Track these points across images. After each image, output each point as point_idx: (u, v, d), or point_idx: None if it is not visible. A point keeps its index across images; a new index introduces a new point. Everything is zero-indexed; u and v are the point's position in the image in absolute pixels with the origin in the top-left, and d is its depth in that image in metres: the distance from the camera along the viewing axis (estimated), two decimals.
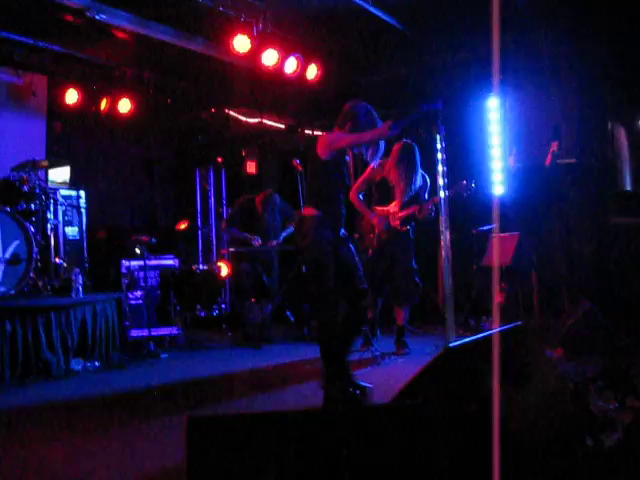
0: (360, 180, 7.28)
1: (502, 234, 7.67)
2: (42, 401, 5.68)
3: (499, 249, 7.50)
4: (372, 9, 7.83)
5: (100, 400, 5.69)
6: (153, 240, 8.68)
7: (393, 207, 7.23)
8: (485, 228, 8.43)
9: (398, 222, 7.18)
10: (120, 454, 4.05)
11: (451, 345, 2.96)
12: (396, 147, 7.26)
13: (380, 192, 7.41)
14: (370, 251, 7.38)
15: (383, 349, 7.13)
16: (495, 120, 8.63)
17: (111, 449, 4.17)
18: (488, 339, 3.14)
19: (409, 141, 7.30)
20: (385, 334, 7.97)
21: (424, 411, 2.62)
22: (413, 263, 7.30)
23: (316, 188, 5.18)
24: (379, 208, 7.30)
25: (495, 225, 7.05)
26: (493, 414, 2.26)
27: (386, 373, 6.11)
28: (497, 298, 7.05)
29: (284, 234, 8.94)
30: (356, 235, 7.83)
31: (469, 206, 7.79)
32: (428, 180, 7.37)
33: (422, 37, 8.68)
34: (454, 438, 2.65)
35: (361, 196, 7.23)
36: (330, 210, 5.13)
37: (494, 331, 3.33)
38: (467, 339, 3.07)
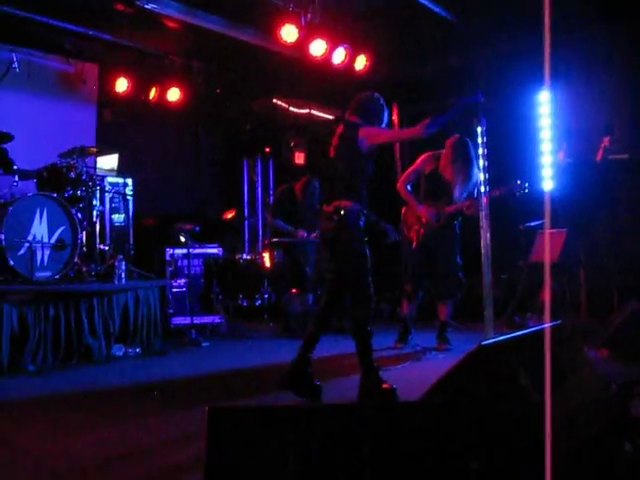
0: (409, 171, 7.20)
1: (551, 230, 7.51)
2: (82, 386, 5.73)
3: (548, 245, 7.34)
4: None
5: (137, 387, 5.72)
6: (197, 228, 8.71)
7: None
8: (533, 224, 8.25)
9: (446, 216, 7.08)
10: (149, 442, 4.05)
11: (484, 343, 2.88)
12: (450, 142, 7.08)
13: (431, 184, 7.19)
14: (414, 243, 7.25)
15: (425, 344, 7.05)
16: (545, 114, 8.45)
17: (139, 436, 4.18)
18: (522, 338, 3.06)
19: (462, 136, 7.13)
20: (428, 329, 7.84)
21: (453, 409, 2.56)
22: (458, 259, 7.19)
23: (349, 179, 5.08)
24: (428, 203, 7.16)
25: (545, 221, 6.93)
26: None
27: (425, 368, 6.03)
28: (546, 295, 6.92)
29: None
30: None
31: (516, 202, 7.63)
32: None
33: (471, 28, 8.53)
34: (482, 438, 2.57)
35: (409, 187, 7.14)
36: (362, 202, 5.06)
37: (528, 330, 3.25)
38: (500, 337, 2.99)
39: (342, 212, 4.98)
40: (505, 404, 2.69)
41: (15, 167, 7.63)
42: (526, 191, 6.86)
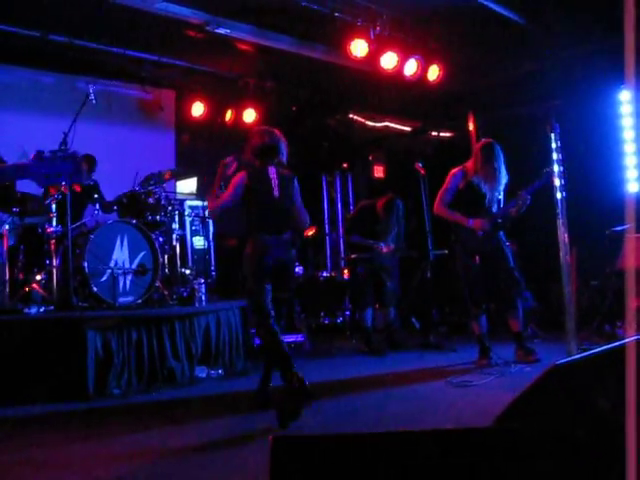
0: (442, 191, 7.06)
1: (637, 234, 7.22)
2: (165, 408, 5.80)
3: (634, 250, 7.07)
4: (492, 4, 7.60)
5: (219, 408, 5.74)
6: None
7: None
8: (619, 229, 7.96)
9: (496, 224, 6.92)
10: (219, 465, 4.05)
11: (558, 363, 2.75)
12: (478, 147, 7.02)
13: (468, 197, 7.01)
14: (477, 258, 7.02)
15: (508, 357, 6.87)
16: (627, 113, 8.16)
17: (212, 460, 4.19)
18: (601, 357, 2.91)
19: (490, 139, 7.01)
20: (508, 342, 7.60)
21: (524, 436, 2.44)
22: (512, 264, 7.01)
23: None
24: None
25: (630, 225, 6.67)
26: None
27: (508, 383, 5.85)
28: (632, 303, 6.64)
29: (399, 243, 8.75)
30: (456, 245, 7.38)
31: (601, 205, 7.39)
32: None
33: (543, 30, 8.30)
34: (557, 467, 2.44)
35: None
36: None
37: (609, 346, 3.08)
38: (577, 355, 2.85)
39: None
40: (582, 429, 2.55)
41: (96, 196, 7.86)
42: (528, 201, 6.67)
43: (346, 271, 9.86)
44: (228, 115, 10.52)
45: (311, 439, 2.50)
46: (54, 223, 7.17)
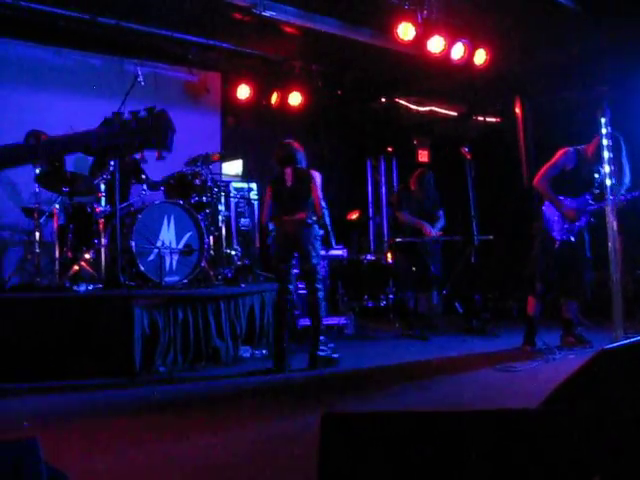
0: (548, 166, 6.90)
1: None
2: (210, 387, 5.88)
3: None
4: None
5: (262, 388, 5.80)
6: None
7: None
8: None
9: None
10: (263, 444, 4.10)
11: (606, 348, 2.73)
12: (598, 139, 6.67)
13: (573, 180, 6.86)
14: (557, 243, 6.86)
15: (554, 343, 6.83)
16: None
17: (253, 437, 4.24)
18: None
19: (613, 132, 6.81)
20: (555, 327, 7.53)
21: (573, 419, 2.43)
22: (589, 256, 6.93)
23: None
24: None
25: None
26: None
27: (554, 369, 5.82)
28: None
29: (437, 228, 8.71)
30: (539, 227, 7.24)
31: None
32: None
33: (592, 14, 8.14)
34: (606, 449, 2.43)
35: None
36: None
37: None
38: (626, 341, 2.83)
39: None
40: (629, 412, 2.54)
41: (143, 176, 7.95)
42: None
43: (389, 254, 9.84)
44: (274, 98, 10.54)
45: (360, 416, 2.52)
46: (103, 203, 7.28)
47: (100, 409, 5.15)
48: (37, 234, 7.29)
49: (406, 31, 8.04)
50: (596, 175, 6.80)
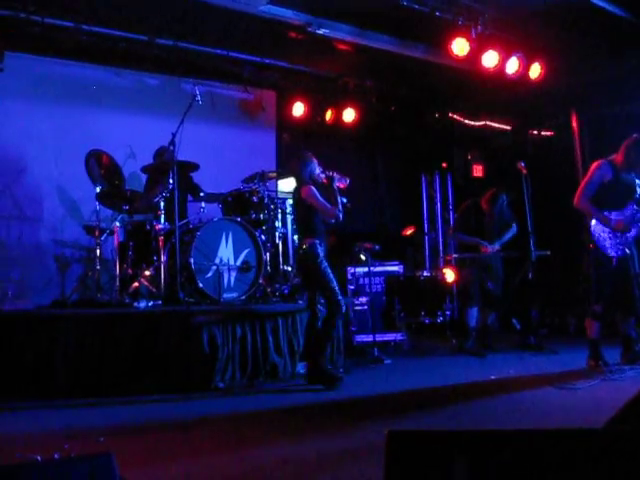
0: (584, 183, 6.75)
1: None
2: (267, 404, 5.90)
3: None
4: (596, 0, 7.40)
5: (318, 405, 5.80)
6: (376, 247, 8.82)
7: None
8: None
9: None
10: (322, 461, 4.09)
11: None
12: (632, 141, 6.66)
13: (613, 192, 6.69)
14: (615, 260, 6.65)
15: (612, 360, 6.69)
16: None
17: (309, 454, 4.23)
18: None
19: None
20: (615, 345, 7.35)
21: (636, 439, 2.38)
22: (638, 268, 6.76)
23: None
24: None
25: None
26: None
27: (615, 388, 5.69)
28: None
29: (506, 237, 8.60)
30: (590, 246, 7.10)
31: None
32: None
33: None
34: None
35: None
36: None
37: None
38: None
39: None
40: None
41: (202, 194, 8.06)
42: None
43: (446, 271, 9.76)
44: (328, 115, 10.62)
45: (424, 434, 2.51)
46: (162, 220, 7.39)
47: (161, 424, 5.20)
48: (98, 251, 7.44)
49: (460, 47, 8.04)
50: (637, 181, 6.68)
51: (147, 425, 5.17)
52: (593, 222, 6.73)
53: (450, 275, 9.59)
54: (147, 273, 7.28)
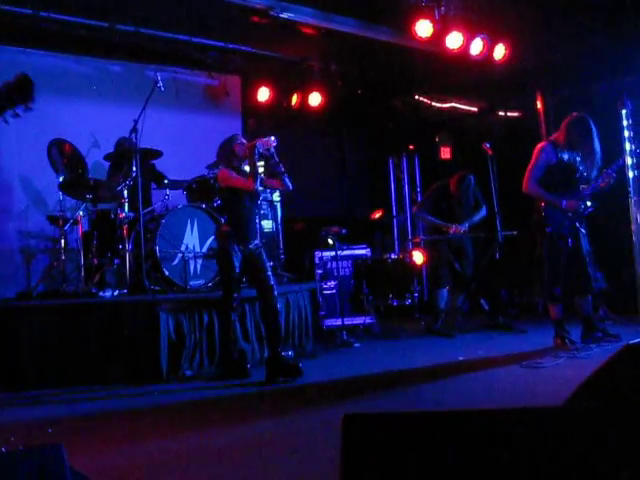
0: (530, 168, 6.76)
1: None
2: (233, 390, 5.89)
3: None
4: None
5: (280, 390, 5.81)
6: (343, 231, 8.83)
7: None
8: None
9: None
10: (284, 445, 4.11)
11: (631, 343, 2.71)
12: (570, 120, 6.68)
13: (561, 174, 6.72)
14: (569, 241, 6.72)
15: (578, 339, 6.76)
16: None
17: (274, 439, 4.25)
18: None
19: (581, 113, 6.70)
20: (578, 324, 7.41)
21: (599, 415, 2.41)
22: (589, 246, 6.82)
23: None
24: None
25: None
26: None
27: (580, 366, 5.76)
28: None
29: (475, 219, 8.65)
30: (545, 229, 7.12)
31: None
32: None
33: (615, 5, 8.05)
34: (633, 445, 2.40)
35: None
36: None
37: None
38: None
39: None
40: None
41: (166, 181, 8.00)
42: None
43: (415, 253, 9.77)
44: (294, 99, 10.55)
45: (380, 417, 2.52)
46: (126, 209, 7.33)
47: (122, 412, 5.20)
48: (62, 241, 7.36)
49: (424, 28, 8.03)
50: (578, 159, 6.69)
51: (103, 414, 5.18)
52: (545, 207, 6.77)
53: (418, 257, 9.60)
54: (112, 262, 7.22)
